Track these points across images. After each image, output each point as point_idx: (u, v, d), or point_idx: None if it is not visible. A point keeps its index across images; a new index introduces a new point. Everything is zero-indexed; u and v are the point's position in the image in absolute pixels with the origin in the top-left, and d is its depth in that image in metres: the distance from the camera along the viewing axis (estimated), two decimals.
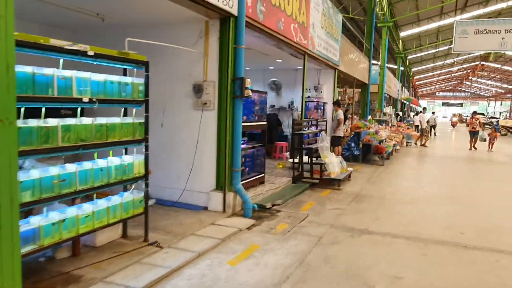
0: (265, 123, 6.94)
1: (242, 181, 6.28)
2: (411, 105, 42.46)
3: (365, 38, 16.61)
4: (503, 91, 74.35)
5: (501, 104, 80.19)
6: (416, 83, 61.96)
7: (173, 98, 5.77)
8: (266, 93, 6.91)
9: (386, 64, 23.44)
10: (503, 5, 26.10)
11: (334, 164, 7.59)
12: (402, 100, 35.91)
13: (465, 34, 15.11)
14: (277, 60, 9.92)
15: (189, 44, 5.45)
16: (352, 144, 11.17)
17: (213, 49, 5.39)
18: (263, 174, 7.06)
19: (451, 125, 40.98)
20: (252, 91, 6.71)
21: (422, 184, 8.38)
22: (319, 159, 7.90)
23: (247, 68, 11.86)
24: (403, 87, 37.09)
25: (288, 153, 10.08)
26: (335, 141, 10.57)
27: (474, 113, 17.84)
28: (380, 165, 10.79)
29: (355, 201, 6.50)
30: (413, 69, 47.44)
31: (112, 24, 5.77)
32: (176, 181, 5.72)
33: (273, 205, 5.99)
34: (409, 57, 38.67)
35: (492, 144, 16.20)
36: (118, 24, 5.79)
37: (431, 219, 5.54)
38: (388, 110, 23.67)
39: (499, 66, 52.25)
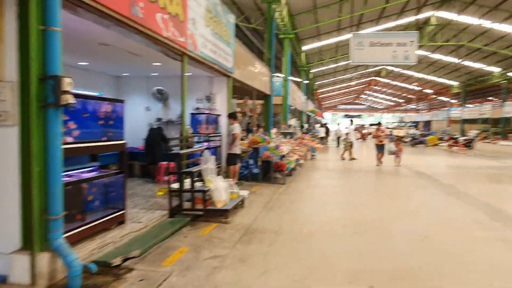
0: (123, 142, 5.14)
1: (86, 225, 4.45)
2: (316, 117, 43.91)
3: (265, 47, 15.77)
4: (393, 104, 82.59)
5: (392, 116, 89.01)
6: (320, 96, 65.23)
7: None
8: (122, 101, 5.12)
9: (290, 77, 23.26)
10: (392, 24, 28.19)
11: (220, 190, 6.07)
12: (307, 112, 36.69)
13: (361, 46, 15.17)
14: (154, 64, 8.20)
15: None
16: (251, 162, 9.88)
17: (10, 32, 3.47)
18: (122, 211, 5.22)
19: (361, 137, 35.97)
20: (98, 98, 4.91)
21: (325, 207, 7.32)
22: (203, 184, 6.33)
23: (125, 74, 9.95)
24: (308, 100, 38.03)
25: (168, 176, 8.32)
26: (231, 159, 9.15)
27: (379, 124, 15.82)
28: (281, 184, 9.65)
29: (243, 241, 5.03)
30: (316, 83, 49.45)
31: None
32: None
33: (125, 260, 4.20)
34: (312, 71, 39.98)
35: (399, 157, 14.57)
36: None
37: (334, 265, 4.28)
38: (293, 122, 23.38)
39: (389, 81, 57.57)
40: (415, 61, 15.15)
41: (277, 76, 23.39)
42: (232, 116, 9.30)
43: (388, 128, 39.60)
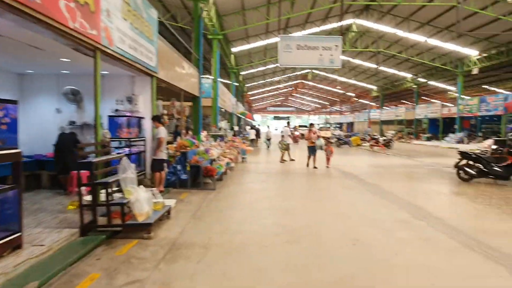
0: (16, 150, 4.29)
1: None
2: (246, 119, 44.10)
3: (193, 47, 15.18)
4: (319, 106, 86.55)
5: (318, 118, 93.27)
6: (250, 98, 65.88)
7: None
8: (15, 102, 4.27)
9: (219, 78, 22.89)
10: (317, 29, 29.27)
11: (141, 201, 5.44)
12: (238, 115, 36.61)
13: (289, 48, 15.31)
14: (63, 60, 7.23)
15: None
16: (178, 167, 9.27)
17: None
18: (18, 234, 4.36)
19: (293, 141, 31.72)
20: None
21: (257, 213, 7.02)
22: (122, 196, 5.64)
23: (29, 71, 8.72)
24: (238, 102, 37.98)
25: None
26: (156, 165, 8.48)
27: (312, 125, 15.52)
28: (211, 190, 9.18)
29: (167, 260, 4.49)
30: (246, 85, 49.75)
31: None
32: None
33: None
34: (242, 73, 40.07)
35: (329, 159, 14.60)
36: None
37: (271, 281, 3.94)
38: (223, 124, 23.02)
39: (315, 84, 60.11)
40: (339, 65, 15.68)
41: (206, 78, 22.90)
42: (156, 118, 8.63)
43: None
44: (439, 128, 39.96)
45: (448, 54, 32.65)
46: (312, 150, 14.21)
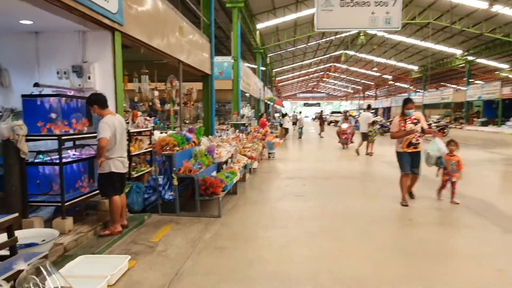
0: None
1: None
2: (275, 105, 40.27)
3: (201, 9, 11.44)
4: (352, 91, 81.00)
5: (351, 103, 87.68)
6: (279, 84, 61.70)
7: None
8: None
9: (242, 60, 19.14)
10: None
11: None
12: (266, 101, 32.85)
13: (329, 6, 11.29)
14: None
15: None
16: (161, 181, 5.66)
17: None
18: None
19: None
20: None
21: (288, 285, 3.30)
22: None
23: None
24: (266, 87, 34.12)
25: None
26: (103, 185, 4.73)
27: (409, 102, 6.23)
28: (214, 217, 5.55)
29: None
30: (274, 69, 45.69)
31: None
32: None
33: None
34: (269, 55, 36.07)
35: (455, 185, 6.39)
36: None
37: None
38: (246, 111, 19.29)
39: (349, 67, 55.03)
40: (398, 26, 11.51)
41: (225, 55, 19.23)
42: (96, 101, 4.77)
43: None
44: (497, 111, 34.43)
45: None
46: (412, 160, 6.32)
